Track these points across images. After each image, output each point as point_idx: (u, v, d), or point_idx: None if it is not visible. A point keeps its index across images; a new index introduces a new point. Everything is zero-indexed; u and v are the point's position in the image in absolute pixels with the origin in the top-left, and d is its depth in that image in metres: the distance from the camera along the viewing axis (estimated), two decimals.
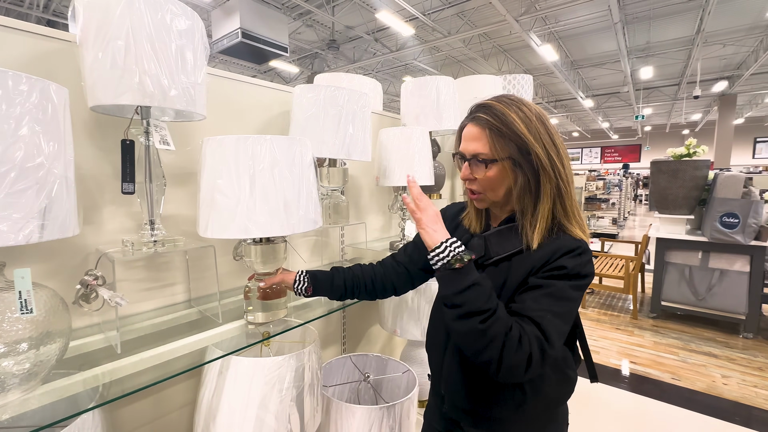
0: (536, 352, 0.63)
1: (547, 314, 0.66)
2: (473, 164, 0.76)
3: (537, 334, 0.64)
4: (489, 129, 0.73)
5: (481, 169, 0.74)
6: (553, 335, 0.65)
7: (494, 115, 0.73)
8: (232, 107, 1.14)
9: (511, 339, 0.63)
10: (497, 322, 0.63)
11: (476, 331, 0.63)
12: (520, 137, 0.71)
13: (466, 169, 0.77)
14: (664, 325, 3.50)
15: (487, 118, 0.73)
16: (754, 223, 3.03)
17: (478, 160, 0.74)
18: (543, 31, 8.08)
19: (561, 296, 0.68)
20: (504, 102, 0.74)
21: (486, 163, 0.73)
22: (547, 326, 0.65)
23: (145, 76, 0.72)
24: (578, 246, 0.70)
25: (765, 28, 8.11)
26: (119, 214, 0.91)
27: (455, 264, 0.67)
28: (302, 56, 9.99)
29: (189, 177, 1.04)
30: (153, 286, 0.98)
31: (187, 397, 1.06)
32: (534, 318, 0.65)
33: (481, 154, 0.74)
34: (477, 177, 0.76)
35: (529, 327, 0.65)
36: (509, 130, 0.71)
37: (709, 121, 17.49)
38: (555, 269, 0.69)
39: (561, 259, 0.69)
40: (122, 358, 0.75)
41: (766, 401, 2.33)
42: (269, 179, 0.78)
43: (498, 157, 0.73)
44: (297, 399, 0.94)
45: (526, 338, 0.63)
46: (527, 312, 0.66)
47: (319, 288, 0.95)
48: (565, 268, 0.68)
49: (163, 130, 0.82)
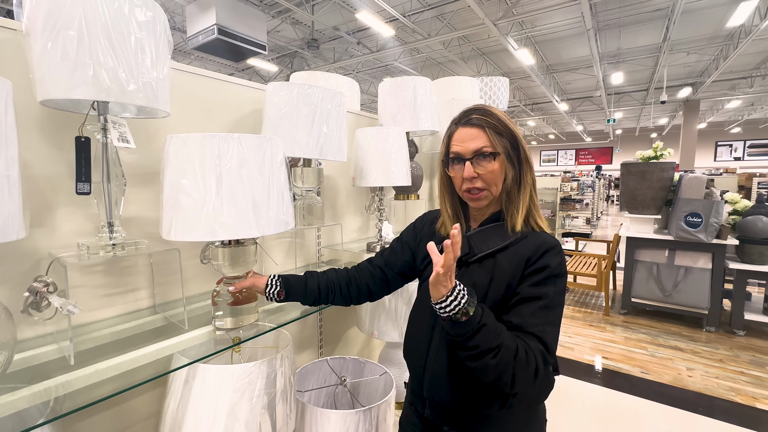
0: (540, 364, 0.70)
1: (546, 327, 0.73)
2: (476, 161, 0.80)
3: (540, 348, 0.71)
4: (487, 127, 0.80)
5: (487, 163, 0.80)
6: (553, 344, 0.73)
7: (488, 115, 0.80)
8: (199, 105, 1.09)
9: (519, 361, 0.68)
10: (506, 352, 0.67)
11: (490, 366, 0.67)
12: (512, 133, 0.81)
13: (468, 168, 0.80)
14: (634, 321, 3.63)
15: (483, 118, 0.80)
16: (716, 222, 3.20)
17: (483, 155, 0.79)
18: (520, 36, 8.28)
19: (554, 305, 0.75)
20: (489, 107, 0.83)
21: (493, 155, 0.79)
22: (547, 338, 0.72)
23: (100, 70, 0.67)
24: (556, 244, 0.79)
25: (724, 38, 8.59)
26: (75, 216, 0.86)
27: (461, 318, 0.66)
28: (281, 55, 9.84)
29: (153, 177, 0.99)
30: (114, 292, 0.93)
31: (152, 408, 1.01)
32: (536, 333, 0.72)
33: (486, 147, 0.79)
34: (481, 173, 0.80)
35: (533, 342, 0.71)
36: (504, 127, 0.80)
37: (675, 125, 18.39)
38: (542, 269, 0.75)
39: (545, 257, 0.76)
40: (77, 369, 0.71)
41: (727, 391, 2.46)
42: (237, 179, 0.75)
43: (500, 150, 0.79)
44: (269, 406, 0.91)
45: (531, 354, 0.69)
46: (529, 328, 0.72)
47: (291, 292, 0.92)
48: (550, 267, 0.75)
49: (123, 127, 0.77)
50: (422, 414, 0.90)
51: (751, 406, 2.31)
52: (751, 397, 2.39)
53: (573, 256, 4.66)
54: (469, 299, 0.66)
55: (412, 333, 0.94)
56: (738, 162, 17.98)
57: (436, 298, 0.67)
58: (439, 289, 0.66)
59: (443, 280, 0.65)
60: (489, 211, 0.86)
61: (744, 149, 18.19)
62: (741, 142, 18.37)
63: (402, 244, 1.03)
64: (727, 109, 15.86)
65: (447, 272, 0.64)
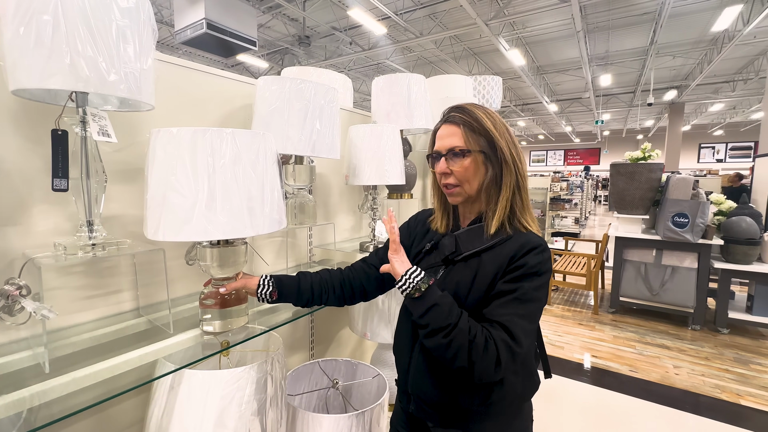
0: (504, 353, 0.70)
1: (514, 317, 0.73)
2: (449, 158, 0.82)
3: (504, 338, 0.71)
4: (463, 125, 0.81)
5: (458, 160, 0.81)
6: (520, 335, 0.72)
7: (466, 113, 0.82)
8: (186, 98, 1.05)
9: (476, 346, 0.70)
10: (459, 334, 0.70)
11: (442, 345, 0.71)
12: (488, 132, 0.80)
13: (443, 163, 0.83)
14: (622, 320, 3.68)
15: (460, 116, 0.82)
16: (702, 223, 3.25)
17: (455, 152, 0.81)
18: (511, 36, 8.32)
19: (526, 299, 0.74)
20: (473, 105, 0.84)
21: (463, 153, 0.80)
22: (514, 329, 0.72)
23: (78, 58, 0.63)
24: (540, 244, 0.79)
25: (708, 42, 8.79)
26: (52, 214, 0.81)
27: (415, 294, 0.75)
28: (272, 51, 9.71)
29: (136, 173, 0.94)
30: (93, 294, 0.88)
31: (135, 416, 0.96)
32: (502, 322, 0.72)
33: (458, 146, 0.81)
34: (454, 169, 0.81)
35: (497, 332, 0.71)
36: (480, 125, 0.80)
37: (661, 127, 18.78)
38: (519, 267, 0.76)
39: (526, 257, 0.76)
40: (52, 377, 0.66)
41: (713, 389, 2.50)
42: (231, 176, 0.71)
43: (472, 148, 0.80)
44: (258, 412, 0.88)
45: (491, 342, 0.70)
46: (496, 317, 0.73)
47: (284, 293, 0.89)
48: (528, 265, 0.76)
49: (103, 120, 0.73)
50: (407, 410, 0.91)
51: (736, 403, 2.35)
52: (735, 394, 2.44)
53: (563, 255, 4.70)
54: (422, 278, 0.76)
55: (400, 329, 0.96)
56: (720, 164, 18.46)
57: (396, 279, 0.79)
58: (395, 269, 0.79)
59: (395, 256, 0.80)
60: (475, 209, 0.87)
61: (726, 151, 18.67)
62: (723, 144, 18.86)
63: None
64: (710, 112, 16.26)
65: (395, 247, 0.81)
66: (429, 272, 0.86)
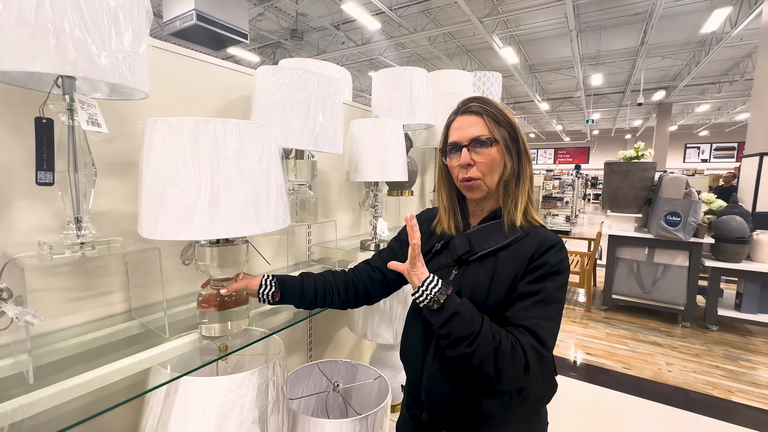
0: (533, 358, 0.67)
1: (540, 320, 0.70)
2: (473, 148, 0.78)
3: (531, 342, 0.68)
4: (486, 115, 0.78)
5: (484, 150, 0.78)
6: (547, 339, 0.70)
7: (487, 104, 0.79)
8: (180, 88, 0.99)
9: (502, 353, 0.67)
10: (483, 342, 0.67)
11: (466, 355, 0.68)
12: (510, 124, 0.79)
13: (465, 155, 0.78)
14: (615, 317, 3.72)
15: (481, 106, 0.79)
16: (693, 222, 3.29)
17: (480, 141, 0.77)
18: (505, 34, 8.33)
19: (550, 300, 0.72)
20: (489, 98, 0.81)
21: (490, 142, 0.77)
22: (541, 332, 0.69)
23: (65, 39, 0.57)
24: (558, 241, 0.76)
25: (697, 44, 8.94)
26: (36, 210, 0.75)
27: (434, 306, 0.71)
28: (263, 45, 9.54)
29: (128, 167, 0.88)
30: (81, 296, 0.82)
31: (126, 423, 0.91)
32: (528, 326, 0.69)
33: (483, 134, 0.78)
34: (477, 160, 0.78)
35: (524, 336, 0.69)
36: (503, 117, 0.79)
37: (648, 127, 19.10)
38: (540, 267, 0.73)
39: (547, 254, 0.74)
40: (38, 388, 0.60)
41: (704, 385, 2.54)
42: (236, 171, 0.66)
43: (498, 137, 0.77)
44: (260, 420, 0.83)
45: (518, 348, 0.67)
46: (522, 321, 0.70)
47: (287, 294, 0.85)
48: (550, 264, 0.73)
49: (93, 108, 0.67)
50: (420, 418, 0.87)
51: (728, 399, 2.38)
52: (726, 391, 2.47)
53: None
54: (441, 288, 0.72)
55: (408, 335, 0.91)
56: (705, 164, 18.88)
57: (413, 290, 0.74)
58: (412, 280, 0.74)
59: (413, 270, 0.74)
60: (488, 207, 0.84)
61: (710, 152, 19.10)
62: (708, 144, 19.28)
63: (401, 244, 0.98)
64: (696, 113, 16.60)
65: (414, 262, 0.74)
66: (440, 273, 0.83)
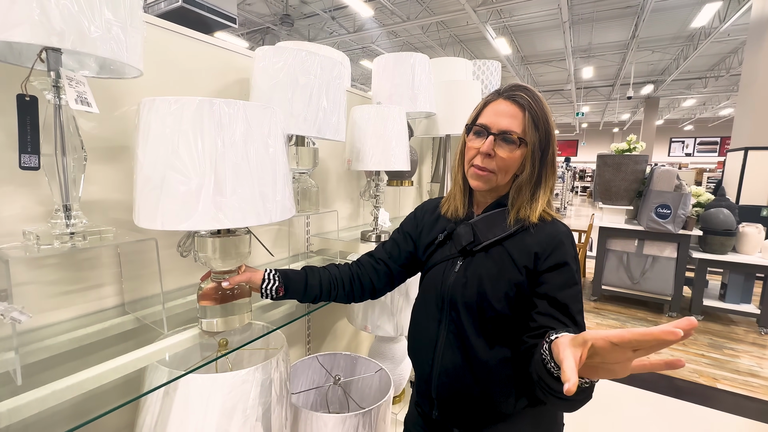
0: None
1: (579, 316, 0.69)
2: (499, 141, 0.73)
3: None
4: (528, 112, 0.72)
5: (509, 147, 0.72)
6: None
7: (535, 100, 0.72)
8: (175, 68, 0.92)
9: None
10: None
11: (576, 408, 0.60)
12: (546, 131, 0.73)
13: (489, 143, 0.73)
14: (604, 307, 3.79)
15: (528, 100, 0.72)
16: (683, 214, 3.35)
17: (508, 137, 0.72)
18: (498, 24, 8.26)
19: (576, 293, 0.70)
20: (539, 93, 0.74)
21: (519, 142, 0.72)
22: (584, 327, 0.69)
23: (51, 6, 0.51)
24: (566, 230, 0.75)
25: (686, 39, 9.03)
26: (20, 197, 0.69)
27: (585, 385, 0.55)
28: (252, 30, 9.26)
29: (121, 151, 0.82)
30: (71, 290, 0.77)
31: (122, 421, 0.87)
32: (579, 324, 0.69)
33: (515, 132, 0.72)
34: (499, 154, 0.73)
35: None
36: (543, 121, 0.72)
37: (636, 120, 19.39)
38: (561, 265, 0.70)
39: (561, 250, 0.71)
40: (27, 390, 0.56)
41: (691, 373, 2.61)
42: (242, 156, 0.61)
43: (528, 141, 0.72)
44: (263, 417, 0.80)
45: None
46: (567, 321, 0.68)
47: (291, 289, 0.81)
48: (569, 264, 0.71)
49: (82, 86, 0.61)
50: (430, 415, 0.84)
51: (713, 387, 2.46)
52: (712, 378, 2.55)
53: None
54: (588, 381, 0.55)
55: (416, 330, 0.88)
56: (689, 158, 19.30)
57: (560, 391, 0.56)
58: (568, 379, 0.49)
59: None
60: (494, 195, 0.81)
61: (694, 146, 19.54)
62: (692, 139, 19.70)
63: (404, 235, 0.95)
64: (682, 108, 16.89)
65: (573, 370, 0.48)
66: (445, 265, 0.80)
